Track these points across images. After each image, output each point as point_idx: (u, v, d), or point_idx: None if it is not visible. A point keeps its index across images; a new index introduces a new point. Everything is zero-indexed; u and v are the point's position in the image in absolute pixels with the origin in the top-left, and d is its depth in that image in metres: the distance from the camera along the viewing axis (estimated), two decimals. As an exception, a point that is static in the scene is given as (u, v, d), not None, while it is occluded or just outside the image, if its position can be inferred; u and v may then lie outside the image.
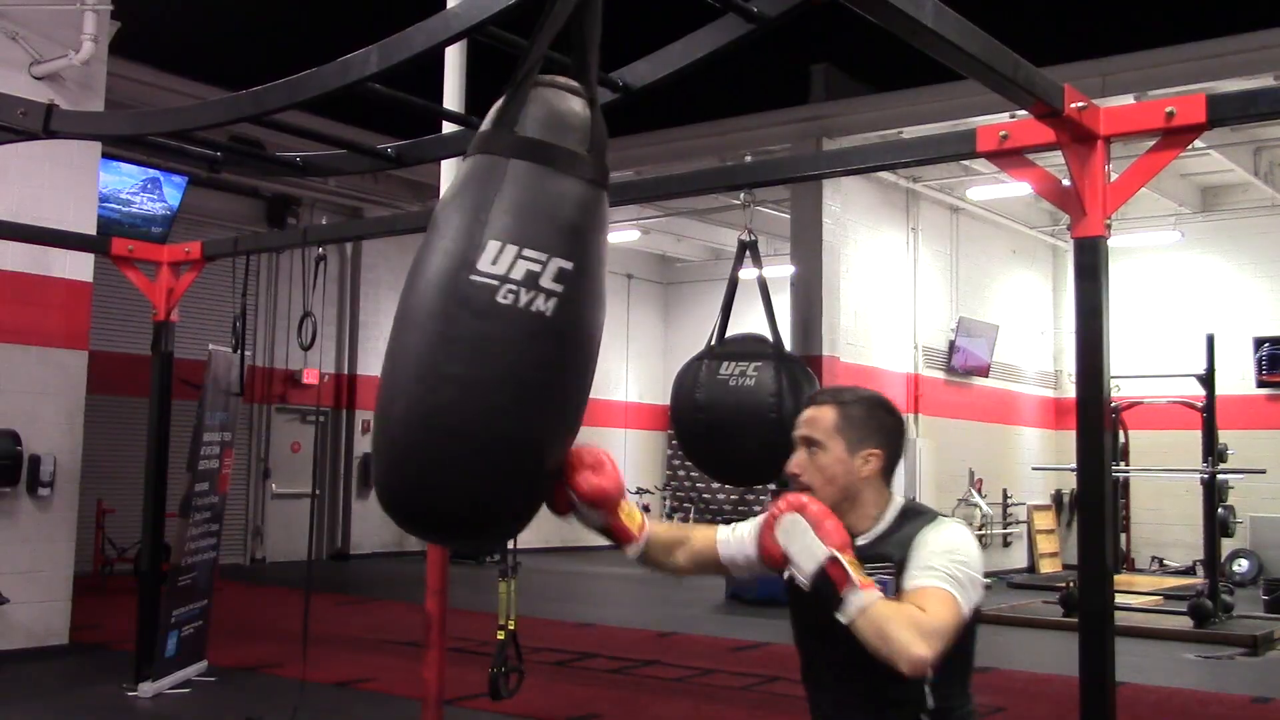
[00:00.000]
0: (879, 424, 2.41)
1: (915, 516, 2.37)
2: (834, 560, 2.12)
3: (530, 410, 2.03)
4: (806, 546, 2.15)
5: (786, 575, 2.28)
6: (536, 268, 2.02)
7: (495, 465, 2.03)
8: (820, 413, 2.41)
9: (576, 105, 2.19)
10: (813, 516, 2.18)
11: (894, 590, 2.23)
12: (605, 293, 2.19)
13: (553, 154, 2.11)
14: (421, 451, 2.03)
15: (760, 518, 2.38)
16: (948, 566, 2.22)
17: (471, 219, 2.06)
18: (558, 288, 2.03)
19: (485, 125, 2.19)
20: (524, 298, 2.01)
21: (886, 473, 2.40)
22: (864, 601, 2.09)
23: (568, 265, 2.05)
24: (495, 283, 2.00)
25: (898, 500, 2.41)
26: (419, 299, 2.05)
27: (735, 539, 2.50)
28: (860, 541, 2.32)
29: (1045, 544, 16.38)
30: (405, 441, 2.04)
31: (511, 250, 2.02)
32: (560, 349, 2.06)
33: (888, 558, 2.28)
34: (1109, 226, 4.03)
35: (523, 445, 2.05)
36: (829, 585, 2.11)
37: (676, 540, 2.53)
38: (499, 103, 2.19)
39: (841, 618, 2.10)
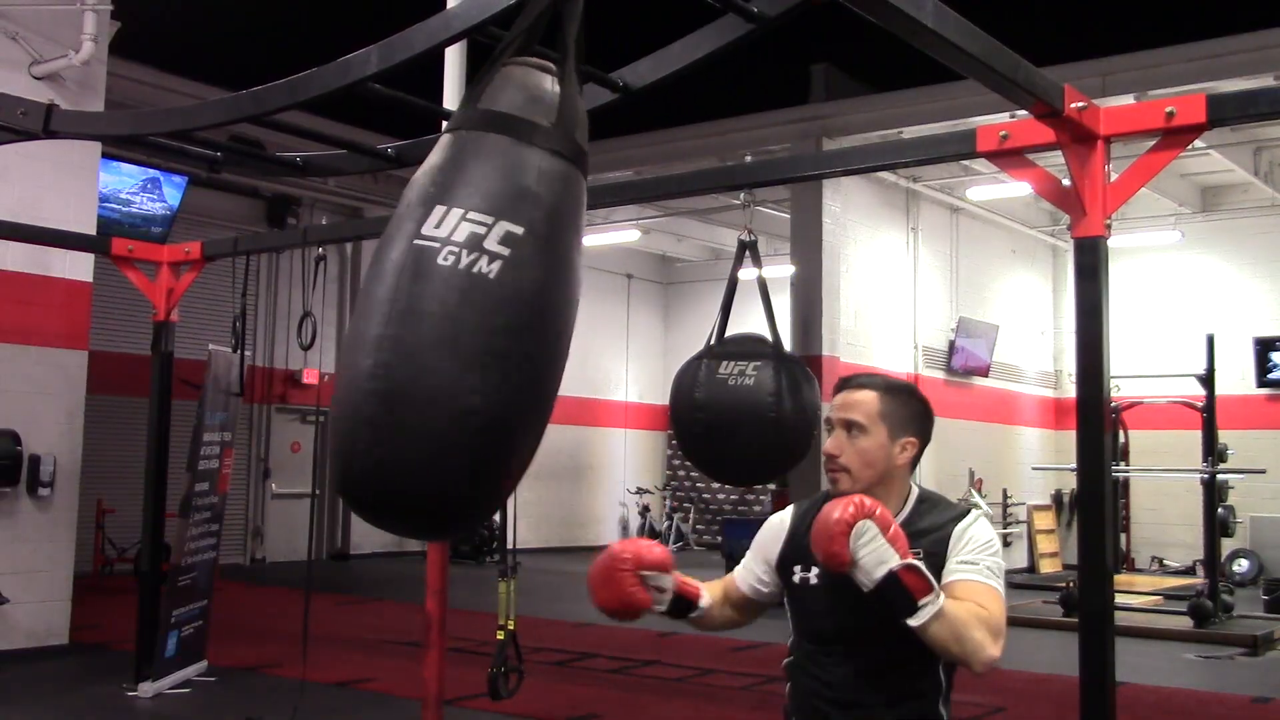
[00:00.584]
0: (917, 413, 2.44)
1: (934, 505, 2.42)
2: (909, 568, 2.13)
3: (469, 373, 1.94)
4: (878, 553, 2.14)
5: (799, 580, 2.40)
6: (481, 230, 1.98)
7: (430, 428, 1.92)
8: (864, 396, 2.40)
9: (545, 81, 2.20)
10: (882, 522, 2.17)
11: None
12: (573, 264, 2.11)
13: (511, 124, 2.10)
14: (355, 414, 1.97)
15: (759, 546, 2.56)
16: (987, 561, 2.30)
17: (426, 190, 2.06)
18: (504, 250, 1.97)
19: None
20: (465, 259, 1.95)
21: (916, 461, 2.43)
22: (941, 606, 2.13)
23: (517, 229, 2.00)
24: (437, 245, 1.97)
25: (915, 488, 2.45)
26: (373, 270, 2.05)
27: (744, 571, 2.62)
28: None
29: (1045, 544, 16.36)
30: (345, 406, 1.99)
31: (456, 214, 1.99)
32: (506, 312, 1.97)
33: (915, 546, 2.30)
34: (1109, 226, 4.03)
35: (461, 408, 1.93)
36: (900, 591, 2.12)
37: (723, 595, 2.65)
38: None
39: (913, 622, 2.12)
